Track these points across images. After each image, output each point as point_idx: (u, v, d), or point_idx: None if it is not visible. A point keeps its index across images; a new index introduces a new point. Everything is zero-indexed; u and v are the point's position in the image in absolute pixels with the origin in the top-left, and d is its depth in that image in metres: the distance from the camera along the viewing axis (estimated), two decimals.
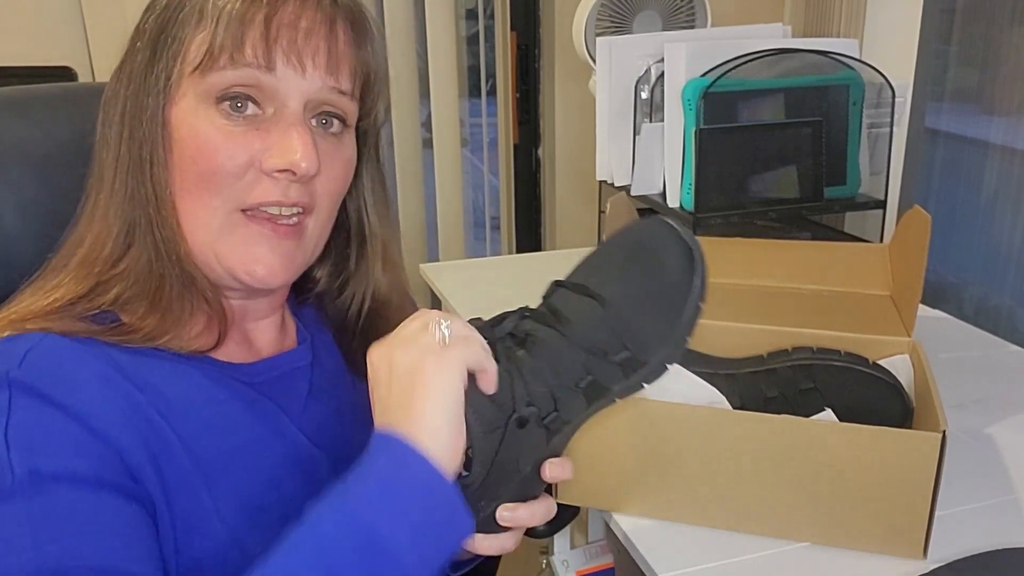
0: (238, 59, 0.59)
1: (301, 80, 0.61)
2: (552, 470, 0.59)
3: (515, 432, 0.55)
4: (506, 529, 0.59)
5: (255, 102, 0.61)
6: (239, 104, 0.60)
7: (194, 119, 0.60)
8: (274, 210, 0.62)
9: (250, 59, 0.59)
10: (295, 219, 0.63)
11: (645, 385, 0.59)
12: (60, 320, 0.58)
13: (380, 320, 0.74)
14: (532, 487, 0.59)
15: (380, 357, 0.56)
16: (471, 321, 0.59)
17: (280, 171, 0.60)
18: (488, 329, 0.58)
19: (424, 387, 0.52)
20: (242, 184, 0.61)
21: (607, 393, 0.58)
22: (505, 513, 0.58)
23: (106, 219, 0.62)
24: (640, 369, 0.58)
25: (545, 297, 0.62)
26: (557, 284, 0.62)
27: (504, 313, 0.60)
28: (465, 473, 0.55)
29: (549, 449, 0.58)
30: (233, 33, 0.59)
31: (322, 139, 0.63)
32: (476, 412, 0.54)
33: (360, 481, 0.51)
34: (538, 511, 0.60)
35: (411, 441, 0.52)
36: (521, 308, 0.60)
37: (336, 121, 0.65)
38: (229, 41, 0.59)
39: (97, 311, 0.61)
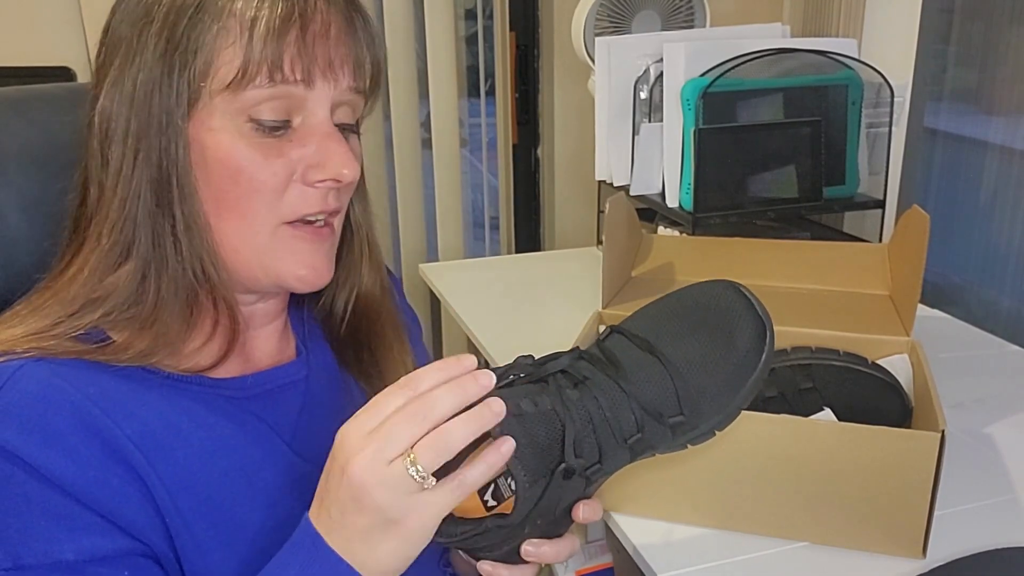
0: (277, 77, 0.57)
1: (333, 89, 0.60)
2: (585, 512, 0.58)
3: (560, 481, 0.54)
4: (527, 562, 0.59)
5: (285, 113, 0.60)
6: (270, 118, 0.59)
7: (227, 138, 0.58)
8: (313, 217, 0.62)
9: (289, 76, 0.57)
10: (326, 219, 0.64)
11: (689, 447, 0.59)
12: (46, 341, 0.56)
13: (366, 312, 0.73)
14: (560, 526, 0.59)
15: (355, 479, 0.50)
16: (520, 359, 0.58)
17: (322, 181, 0.60)
18: (537, 367, 0.58)
19: (401, 540, 0.51)
20: (284, 198, 0.60)
21: (651, 452, 0.58)
22: (530, 548, 0.57)
23: (99, 239, 0.59)
24: (689, 433, 0.58)
25: (600, 340, 0.61)
26: (614, 329, 0.61)
27: (556, 352, 0.59)
28: (503, 522, 0.54)
29: (584, 494, 0.58)
30: (271, 50, 0.56)
31: (345, 140, 0.63)
32: (522, 463, 0.53)
33: None
34: (563, 549, 0.59)
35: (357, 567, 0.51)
36: (575, 348, 0.60)
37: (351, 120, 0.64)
38: (268, 59, 0.56)
39: (84, 331, 0.58)
